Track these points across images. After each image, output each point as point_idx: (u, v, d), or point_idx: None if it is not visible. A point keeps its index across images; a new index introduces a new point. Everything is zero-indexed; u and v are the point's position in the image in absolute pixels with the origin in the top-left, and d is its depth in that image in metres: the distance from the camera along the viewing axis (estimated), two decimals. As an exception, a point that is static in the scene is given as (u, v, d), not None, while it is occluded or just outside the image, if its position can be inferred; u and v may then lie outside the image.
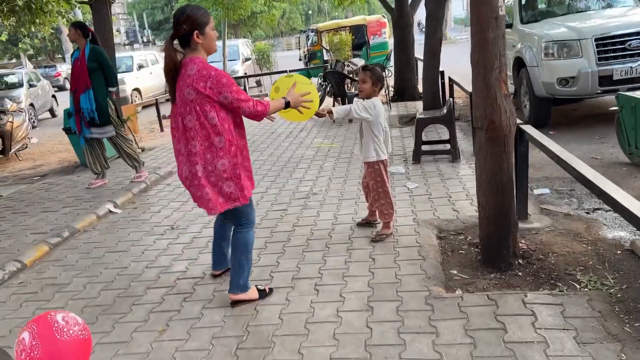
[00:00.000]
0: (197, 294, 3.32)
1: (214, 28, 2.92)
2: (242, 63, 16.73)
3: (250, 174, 3.09)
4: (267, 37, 45.82)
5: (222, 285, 3.37)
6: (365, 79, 3.81)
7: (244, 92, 2.88)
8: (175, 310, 3.13)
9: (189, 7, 2.86)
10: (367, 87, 3.82)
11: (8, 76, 15.62)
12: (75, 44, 5.88)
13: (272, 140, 8.10)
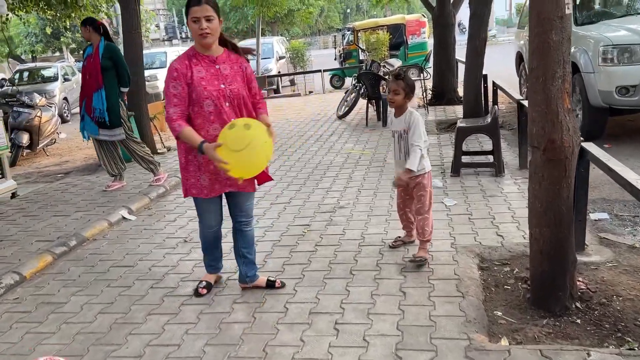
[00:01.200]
0: (201, 325, 2.93)
1: (194, 20, 2.68)
2: (276, 61, 16.41)
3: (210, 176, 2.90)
4: (304, 35, 45.54)
5: (229, 316, 2.97)
6: (397, 89, 3.38)
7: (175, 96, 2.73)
8: (174, 345, 2.75)
9: None
10: (400, 100, 3.40)
11: (44, 69, 15.72)
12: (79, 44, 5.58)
13: (301, 144, 7.69)
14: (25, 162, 8.74)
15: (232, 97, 2.82)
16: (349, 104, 9.63)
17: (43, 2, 12.14)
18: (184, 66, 2.74)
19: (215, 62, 2.80)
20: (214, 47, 2.79)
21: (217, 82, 2.78)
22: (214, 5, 2.68)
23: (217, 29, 2.71)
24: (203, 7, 2.64)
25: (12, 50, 32.40)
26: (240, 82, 2.85)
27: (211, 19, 2.66)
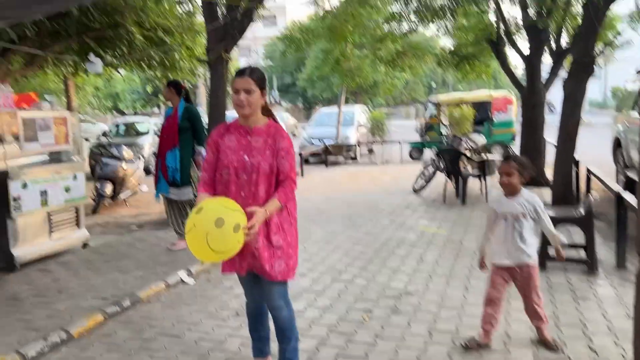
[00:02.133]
0: (237, 419, 2.61)
1: (235, 90, 2.68)
2: (356, 129, 16.48)
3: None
4: (387, 104, 46.12)
5: (269, 413, 2.64)
6: (510, 171, 3.16)
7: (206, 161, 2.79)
8: None
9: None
10: (515, 182, 3.21)
11: (139, 124, 16.73)
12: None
13: (372, 216, 7.39)
14: (106, 211, 9.04)
15: (251, 170, 2.68)
16: (427, 178, 9.29)
17: (145, 63, 13.07)
18: (218, 134, 2.79)
19: (249, 133, 2.74)
20: (253, 118, 2.73)
21: (242, 153, 2.71)
22: (256, 79, 2.66)
23: (255, 102, 2.67)
24: (244, 79, 2.65)
25: (117, 105, 35.28)
26: (267, 156, 2.70)
27: (251, 92, 2.64)
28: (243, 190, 2.68)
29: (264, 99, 2.72)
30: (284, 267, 2.71)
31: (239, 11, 7.61)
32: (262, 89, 2.70)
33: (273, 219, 2.68)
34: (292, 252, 2.77)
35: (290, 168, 2.70)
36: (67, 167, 5.84)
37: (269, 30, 45.92)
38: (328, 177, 11.93)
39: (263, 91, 2.71)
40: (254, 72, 2.68)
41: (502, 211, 3.28)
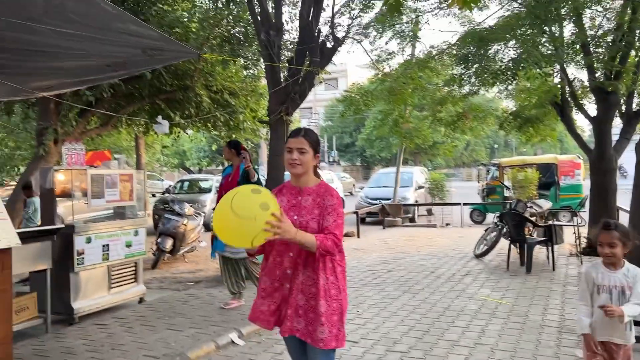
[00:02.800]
0: None
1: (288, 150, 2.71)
2: (414, 190, 16.29)
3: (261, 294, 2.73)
4: (447, 166, 45.60)
5: None
6: (612, 241, 2.95)
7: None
8: None
9: None
10: (619, 253, 2.98)
11: (202, 181, 17.30)
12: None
13: (430, 282, 7.10)
14: (165, 266, 9.21)
15: (299, 229, 2.59)
16: (489, 244, 8.91)
17: (210, 123, 13.66)
18: (275, 192, 2.80)
19: (300, 194, 2.74)
20: (304, 178, 2.74)
21: (292, 213, 2.68)
22: (310, 140, 2.71)
23: (307, 162, 2.69)
24: (298, 139, 2.70)
25: (183, 163, 36.84)
26: (316, 215, 2.67)
27: (304, 152, 2.68)
28: (292, 251, 2.64)
29: (316, 160, 2.75)
30: (327, 335, 2.59)
31: (300, 75, 7.86)
32: (316, 151, 2.73)
33: (320, 282, 2.60)
34: (337, 320, 2.65)
35: (334, 225, 2.62)
36: (129, 222, 6.04)
37: (329, 93, 47.23)
38: (384, 238, 11.71)
39: (316, 154, 2.74)
40: (309, 133, 2.73)
41: (603, 283, 3.02)
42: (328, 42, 8.58)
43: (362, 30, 10.52)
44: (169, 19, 9.53)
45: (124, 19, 3.91)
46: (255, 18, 8.03)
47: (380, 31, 10.83)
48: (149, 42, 4.27)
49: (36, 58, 4.58)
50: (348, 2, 10.21)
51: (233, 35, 11.81)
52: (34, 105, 11.19)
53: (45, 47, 4.28)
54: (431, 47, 11.63)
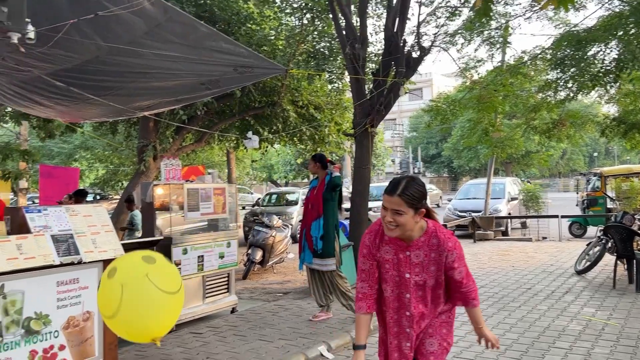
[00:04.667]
0: None
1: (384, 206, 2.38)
2: (506, 202, 15.55)
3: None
4: (542, 176, 43.26)
5: None
6: None
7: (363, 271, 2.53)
8: None
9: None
10: None
11: (289, 194, 17.66)
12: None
13: (527, 300, 6.70)
14: (255, 277, 9.45)
15: (417, 288, 2.44)
16: (592, 259, 8.27)
17: (297, 138, 13.94)
18: (373, 244, 2.48)
19: (407, 249, 2.43)
20: (408, 235, 2.39)
21: (402, 270, 2.43)
22: (408, 199, 2.28)
23: (405, 223, 2.30)
24: (393, 199, 2.29)
25: (271, 176, 37.88)
26: (433, 272, 2.42)
27: (400, 213, 2.28)
28: (408, 310, 2.46)
29: (419, 217, 2.34)
30: (437, 348, 2.50)
31: (385, 87, 7.80)
32: (416, 209, 2.30)
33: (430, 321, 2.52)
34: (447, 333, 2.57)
35: (466, 275, 2.49)
36: (222, 234, 6.26)
37: (414, 103, 46.66)
38: (475, 252, 11.26)
39: (418, 210, 2.31)
40: (407, 189, 2.29)
41: None
42: (414, 52, 8.46)
43: (449, 39, 10.29)
44: (257, 37, 9.87)
45: (217, 38, 4.09)
46: (340, 32, 8.10)
47: (468, 38, 10.53)
48: (239, 60, 4.44)
49: (138, 79, 4.90)
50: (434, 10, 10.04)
51: (318, 50, 12.02)
52: (135, 125, 12.02)
53: (145, 69, 4.58)
54: (523, 52, 11.14)
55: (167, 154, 10.17)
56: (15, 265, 3.33)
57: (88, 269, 3.77)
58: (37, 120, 11.45)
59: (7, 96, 5.56)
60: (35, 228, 3.59)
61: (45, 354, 3.50)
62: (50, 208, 3.83)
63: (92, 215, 4.00)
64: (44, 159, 17.75)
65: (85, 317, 3.74)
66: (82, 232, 3.82)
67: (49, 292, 3.53)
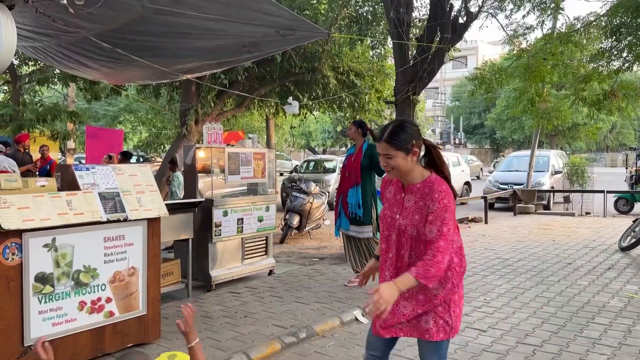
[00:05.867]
0: None
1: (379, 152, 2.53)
2: (550, 176, 15.13)
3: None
4: (589, 150, 41.77)
5: None
6: None
7: None
8: None
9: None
10: None
11: (326, 162, 17.69)
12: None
13: (567, 274, 6.57)
14: (292, 242, 9.58)
15: (399, 232, 2.46)
16: (637, 235, 8.01)
17: (336, 105, 13.86)
18: (384, 185, 2.65)
19: (403, 190, 2.49)
20: (408, 177, 2.45)
21: (395, 210, 2.50)
22: (393, 143, 2.37)
23: (399, 165, 2.38)
24: (381, 145, 2.42)
25: (309, 143, 37.96)
26: (416, 221, 2.39)
27: (390, 157, 2.39)
28: (391, 251, 2.48)
29: (413, 156, 2.40)
30: (432, 325, 2.42)
31: (429, 53, 7.62)
32: (406, 150, 2.37)
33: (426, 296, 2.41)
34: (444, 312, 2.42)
35: (438, 235, 2.29)
36: (261, 198, 6.35)
37: (458, 71, 45.44)
38: (515, 225, 11.06)
39: (410, 150, 2.38)
40: (392, 133, 2.39)
41: None
42: (460, 17, 8.20)
43: (498, 4, 9.90)
44: (299, 1, 9.75)
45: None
46: (384, -4, 7.92)
47: (517, 4, 10.10)
48: (281, 22, 4.41)
49: (181, 39, 4.94)
50: (483, -27, 9.65)
51: (361, 15, 11.78)
52: (178, 89, 12.19)
53: (189, 29, 4.61)
54: (575, 20, 10.64)
55: (208, 118, 10.30)
56: (66, 220, 3.48)
57: (133, 227, 3.90)
58: (84, 82, 11.76)
59: (55, 58, 5.72)
60: (84, 185, 3.73)
61: (93, 305, 3.67)
62: (98, 166, 3.96)
63: (137, 175, 4.11)
64: (90, 121, 18.28)
65: (131, 273, 3.90)
66: (128, 190, 3.94)
67: (96, 247, 3.68)
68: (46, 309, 3.42)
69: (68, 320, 3.54)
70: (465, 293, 5.67)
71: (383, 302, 2.13)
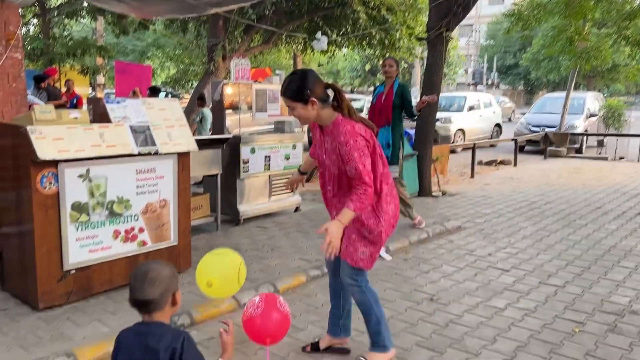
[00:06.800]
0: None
1: None
2: (584, 118, 14.67)
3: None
4: (628, 93, 40.11)
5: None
6: None
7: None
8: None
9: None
10: None
11: (354, 101, 17.51)
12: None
13: (595, 218, 6.51)
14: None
15: (327, 169, 2.76)
16: (672, 182, 7.82)
17: (366, 42, 13.51)
18: (312, 124, 2.78)
19: (323, 132, 2.71)
20: (321, 122, 2.68)
21: (321, 151, 2.76)
22: (290, 96, 2.59)
23: (302, 115, 2.60)
24: (283, 99, 2.66)
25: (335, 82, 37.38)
26: (334, 160, 2.66)
27: (293, 108, 2.61)
28: (327, 185, 2.81)
29: (313, 105, 2.56)
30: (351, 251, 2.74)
31: (465, -13, 7.27)
32: (303, 100, 2.55)
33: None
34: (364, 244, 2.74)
35: (358, 173, 2.51)
36: (288, 137, 6.36)
37: (494, 8, 43.39)
38: (545, 168, 10.89)
39: (308, 100, 2.55)
40: (287, 87, 2.59)
41: None
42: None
43: None
44: None
45: None
46: None
47: None
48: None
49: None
50: None
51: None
52: (205, 23, 12.02)
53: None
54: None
55: (236, 54, 10.19)
56: (99, 152, 3.57)
57: (164, 160, 3.98)
58: (112, 17, 11.68)
59: (83, -11, 5.65)
60: (115, 118, 3.79)
61: (127, 235, 3.82)
62: (129, 100, 4.00)
63: (166, 109, 4.15)
64: (118, 56, 18.30)
65: (162, 204, 4.02)
66: (158, 124, 3.99)
67: (129, 179, 3.79)
68: (83, 237, 3.58)
69: (104, 247, 3.70)
70: (490, 234, 5.72)
71: (334, 240, 2.45)
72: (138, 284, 1.77)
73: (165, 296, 1.79)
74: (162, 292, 1.78)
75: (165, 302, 1.80)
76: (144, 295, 1.76)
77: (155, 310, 1.79)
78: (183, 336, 1.76)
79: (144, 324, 1.80)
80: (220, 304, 3.61)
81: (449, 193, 7.95)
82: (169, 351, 1.71)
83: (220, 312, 3.60)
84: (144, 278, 1.76)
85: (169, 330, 1.78)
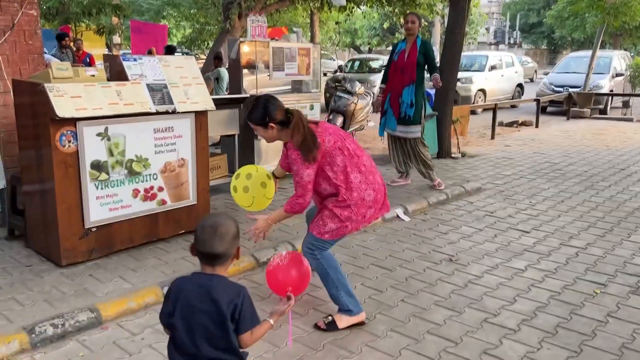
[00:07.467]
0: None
1: None
2: (610, 78, 14.22)
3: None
4: (656, 52, 38.72)
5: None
6: None
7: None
8: None
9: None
10: None
11: (372, 61, 17.15)
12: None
13: (618, 180, 6.38)
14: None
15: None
16: (700, 143, 7.60)
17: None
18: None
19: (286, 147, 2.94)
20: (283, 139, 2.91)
21: (286, 160, 3.02)
22: (253, 121, 2.85)
23: (264, 135, 2.90)
24: (249, 122, 2.89)
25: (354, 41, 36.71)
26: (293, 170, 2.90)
27: (256, 130, 2.89)
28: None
29: (272, 129, 2.81)
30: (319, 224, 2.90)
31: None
32: (263, 125, 2.82)
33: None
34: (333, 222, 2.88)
35: (296, 184, 2.84)
36: (306, 96, 6.27)
37: (519, -37, 41.80)
38: (568, 130, 10.65)
39: (266, 125, 2.81)
40: (249, 115, 2.85)
41: None
42: None
43: None
44: None
45: None
46: None
47: None
48: None
49: None
50: None
51: None
52: (221, -20, 11.76)
53: None
54: None
55: (252, 11, 10.00)
56: (116, 110, 3.54)
57: (182, 119, 3.95)
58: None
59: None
60: (132, 76, 3.75)
61: (146, 193, 3.84)
62: (145, 57, 3.95)
63: (183, 67, 4.09)
64: (133, 15, 18.07)
65: (180, 164, 4.01)
66: (175, 82, 3.94)
67: (147, 137, 3.77)
68: (103, 195, 3.60)
69: (124, 206, 3.73)
70: (510, 195, 5.64)
71: (257, 230, 2.96)
72: (207, 237, 1.79)
73: (230, 250, 1.82)
74: (229, 246, 1.81)
75: (229, 257, 1.84)
76: (213, 249, 1.79)
77: (220, 264, 1.81)
78: (243, 292, 1.79)
79: (206, 276, 1.82)
80: (240, 263, 3.64)
81: (468, 154, 7.84)
82: (232, 306, 1.74)
83: (239, 270, 3.63)
84: (214, 232, 1.79)
85: (231, 284, 1.81)
